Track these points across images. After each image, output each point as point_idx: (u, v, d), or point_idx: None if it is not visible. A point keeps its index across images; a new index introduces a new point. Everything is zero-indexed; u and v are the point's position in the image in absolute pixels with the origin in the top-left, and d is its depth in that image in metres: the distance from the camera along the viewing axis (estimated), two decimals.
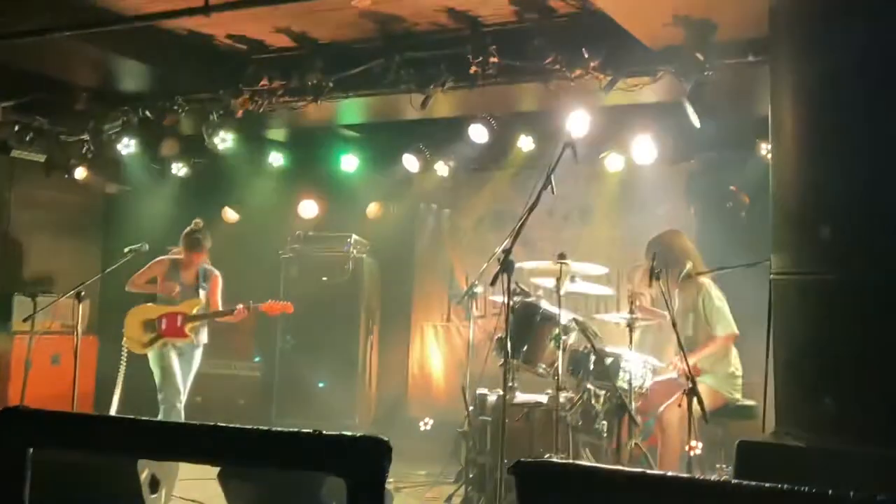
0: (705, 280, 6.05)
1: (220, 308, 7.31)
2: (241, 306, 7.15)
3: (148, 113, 7.82)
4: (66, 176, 8.71)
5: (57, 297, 7.32)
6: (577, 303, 7.43)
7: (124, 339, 7.31)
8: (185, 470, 6.19)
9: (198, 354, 7.27)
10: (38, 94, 7.83)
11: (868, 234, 3.43)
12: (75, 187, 8.95)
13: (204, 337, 7.31)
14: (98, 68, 7.41)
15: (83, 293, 6.68)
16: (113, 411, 7.38)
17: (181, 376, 7.13)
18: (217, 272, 7.41)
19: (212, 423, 2.49)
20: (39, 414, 2.74)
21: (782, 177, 3.75)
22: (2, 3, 6.06)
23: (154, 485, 5.57)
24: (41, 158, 8.68)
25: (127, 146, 8.44)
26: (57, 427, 2.73)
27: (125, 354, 7.49)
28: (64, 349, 7.80)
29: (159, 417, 6.86)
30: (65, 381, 6.91)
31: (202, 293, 7.29)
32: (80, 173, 8.74)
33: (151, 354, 7.14)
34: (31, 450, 2.56)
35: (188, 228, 7.35)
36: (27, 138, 8.35)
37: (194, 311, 7.19)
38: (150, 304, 7.26)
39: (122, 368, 7.55)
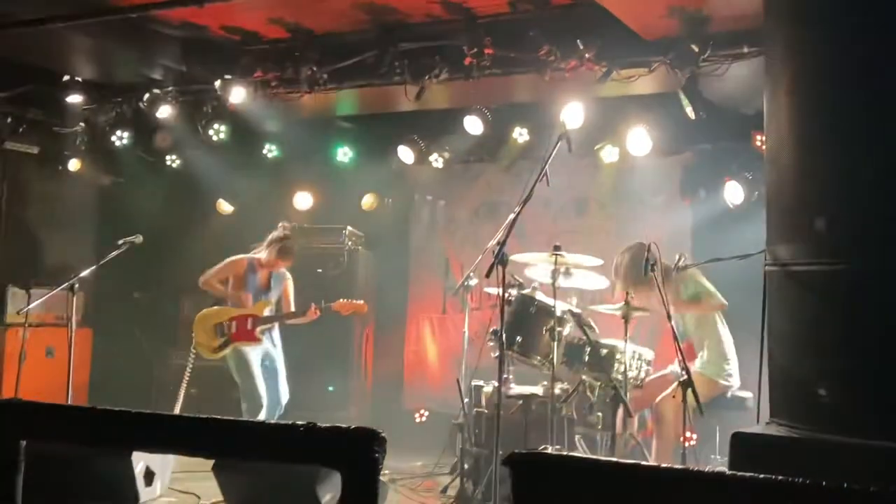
0: (679, 275, 6.03)
1: (293, 309, 7.20)
2: (313, 307, 7.02)
3: (141, 104, 7.80)
4: (60, 168, 8.69)
5: (51, 289, 7.28)
6: (572, 294, 7.44)
7: (194, 343, 7.17)
8: (180, 462, 6.20)
9: (280, 352, 7.15)
10: (31, 86, 7.80)
11: (862, 225, 3.43)
12: (69, 179, 8.93)
13: (278, 337, 7.19)
14: (92, 59, 7.38)
15: (77, 285, 6.66)
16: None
17: (272, 380, 7.01)
18: (288, 274, 7.23)
19: (207, 416, 2.48)
20: (34, 406, 2.73)
21: (777, 167, 3.75)
22: None
23: (149, 477, 5.58)
24: (35, 150, 8.66)
25: (120, 138, 8.42)
26: (51, 419, 2.72)
27: (193, 359, 7.42)
28: (58, 341, 7.77)
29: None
30: (59, 373, 6.88)
31: (273, 294, 7.16)
32: (74, 165, 8.71)
33: (233, 362, 6.96)
34: (25, 442, 2.55)
35: (280, 234, 7.08)
36: (20, 130, 8.34)
37: (265, 314, 7.07)
38: (217, 308, 7.12)
39: (188, 373, 7.50)
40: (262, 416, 6.81)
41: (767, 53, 3.98)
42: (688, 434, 5.22)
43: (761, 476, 1.93)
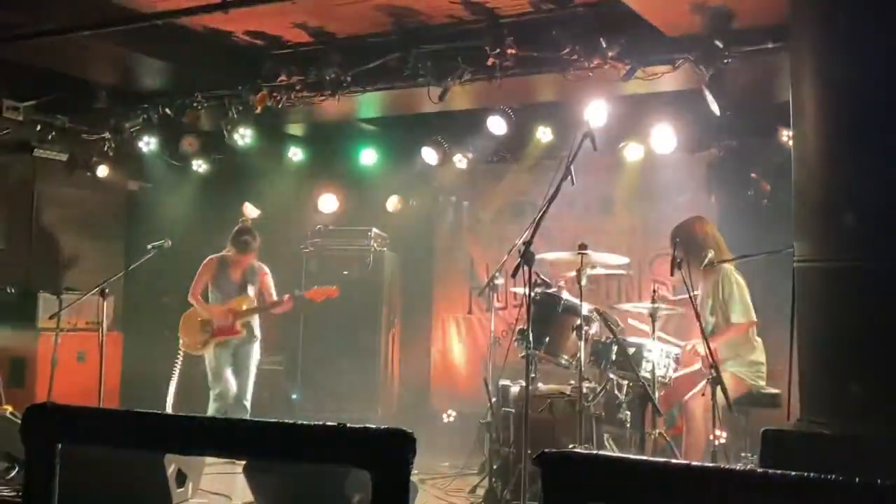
0: (726, 266, 6.01)
1: (269, 281, 7.45)
2: (286, 296, 7.30)
3: (168, 110, 7.88)
4: (89, 174, 8.79)
5: (82, 294, 7.38)
6: (599, 293, 7.43)
7: (180, 342, 7.46)
8: (212, 463, 6.25)
9: (254, 350, 7.39)
10: (59, 94, 7.90)
11: (891, 220, 3.39)
12: (97, 185, 9.03)
13: (258, 331, 7.45)
14: (118, 66, 7.46)
15: (107, 290, 6.73)
16: (168, 409, 7.49)
17: (234, 373, 7.27)
18: (264, 266, 7.50)
19: (238, 418, 2.51)
20: (67, 410, 2.77)
21: (804, 163, 3.72)
22: (22, 3, 6.12)
23: (181, 478, 5.62)
24: (63, 157, 8.76)
25: (147, 143, 8.52)
26: (85, 423, 2.76)
27: (181, 356, 7.60)
28: (89, 346, 7.86)
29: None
30: (90, 377, 6.96)
31: (251, 289, 7.39)
32: (102, 171, 8.81)
33: (208, 356, 7.30)
34: (60, 445, 2.59)
35: (237, 228, 7.46)
36: (49, 137, 8.43)
37: (244, 307, 7.32)
38: (197, 309, 7.39)
39: (177, 370, 7.67)
40: (235, 414, 7.01)
41: (793, 49, 3.95)
42: (717, 432, 5.20)
43: (793, 473, 1.92)
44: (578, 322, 5.58)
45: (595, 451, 5.34)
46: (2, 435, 5.60)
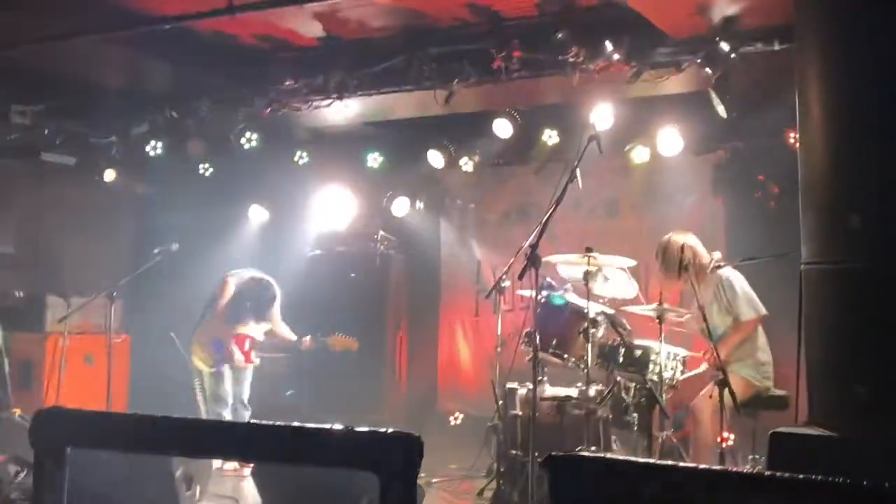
0: (722, 270, 6.00)
1: (280, 325, 7.34)
2: (308, 338, 7.24)
3: (174, 114, 7.90)
4: (96, 178, 8.82)
5: (89, 297, 7.40)
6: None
7: (195, 359, 7.32)
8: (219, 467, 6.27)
9: (250, 369, 7.34)
10: (66, 98, 7.93)
11: None
12: (105, 189, 9.05)
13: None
14: (125, 70, 7.50)
15: (115, 293, 6.75)
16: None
17: (232, 376, 7.20)
18: (277, 289, 7.34)
19: (246, 421, 2.52)
20: (76, 414, 2.78)
21: (811, 165, 3.71)
22: (29, 6, 6.15)
23: (188, 481, 5.63)
24: (71, 161, 8.79)
25: (154, 147, 8.54)
26: (93, 426, 2.76)
27: (198, 381, 7.54)
28: (97, 349, 7.89)
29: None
30: (98, 380, 6.99)
31: (267, 315, 7.31)
32: (110, 175, 8.84)
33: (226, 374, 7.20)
34: (68, 449, 2.59)
35: (270, 293, 7.22)
36: (56, 142, 8.46)
37: (262, 337, 7.25)
38: (216, 322, 7.22)
39: (198, 387, 7.63)
40: (227, 414, 7.00)
41: (799, 50, 3.94)
42: (725, 434, 5.19)
43: (800, 476, 1.92)
44: (585, 324, 5.59)
45: (602, 454, 5.34)
46: (10, 438, 5.63)
